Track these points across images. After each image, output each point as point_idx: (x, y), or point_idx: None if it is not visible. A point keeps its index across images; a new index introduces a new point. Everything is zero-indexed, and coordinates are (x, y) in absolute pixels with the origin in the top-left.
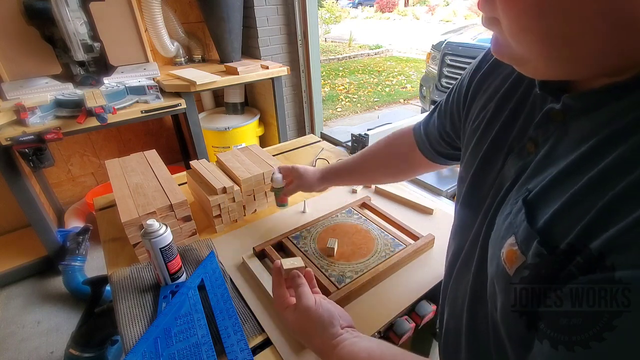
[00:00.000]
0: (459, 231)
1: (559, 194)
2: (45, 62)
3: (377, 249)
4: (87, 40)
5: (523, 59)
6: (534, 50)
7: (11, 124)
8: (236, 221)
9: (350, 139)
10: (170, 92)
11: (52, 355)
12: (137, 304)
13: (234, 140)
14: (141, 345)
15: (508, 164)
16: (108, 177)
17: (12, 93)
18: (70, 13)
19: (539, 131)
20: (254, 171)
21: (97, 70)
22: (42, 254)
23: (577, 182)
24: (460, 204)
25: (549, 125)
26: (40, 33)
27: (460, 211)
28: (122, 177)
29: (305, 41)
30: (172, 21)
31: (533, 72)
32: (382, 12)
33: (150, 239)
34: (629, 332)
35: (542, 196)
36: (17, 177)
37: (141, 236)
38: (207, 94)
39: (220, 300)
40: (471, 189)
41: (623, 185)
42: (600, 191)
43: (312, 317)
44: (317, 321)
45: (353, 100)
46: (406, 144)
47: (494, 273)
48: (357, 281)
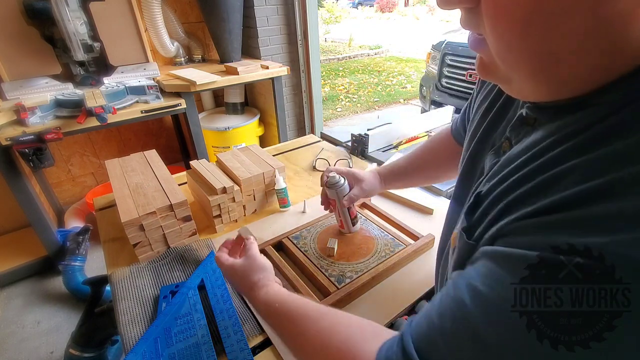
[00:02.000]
0: (446, 223)
1: (494, 192)
2: (45, 62)
3: (377, 249)
4: (87, 40)
5: (509, 78)
6: (521, 70)
7: (11, 124)
8: (236, 221)
9: (350, 139)
10: (170, 92)
11: (52, 355)
12: (137, 304)
13: (234, 140)
14: (141, 345)
15: (486, 160)
16: (108, 177)
17: (12, 93)
18: (70, 13)
19: (513, 133)
20: (254, 171)
21: (97, 70)
22: (42, 254)
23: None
24: (452, 198)
25: (522, 128)
26: (40, 33)
27: (450, 205)
28: (122, 177)
29: (305, 41)
30: (172, 21)
31: (517, 93)
32: (382, 12)
33: (336, 189)
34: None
35: (488, 193)
36: (17, 177)
37: (326, 187)
38: (207, 94)
39: (220, 300)
40: (460, 183)
41: (532, 184)
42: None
43: (258, 261)
44: (260, 265)
45: (353, 100)
46: (450, 142)
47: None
48: (357, 281)
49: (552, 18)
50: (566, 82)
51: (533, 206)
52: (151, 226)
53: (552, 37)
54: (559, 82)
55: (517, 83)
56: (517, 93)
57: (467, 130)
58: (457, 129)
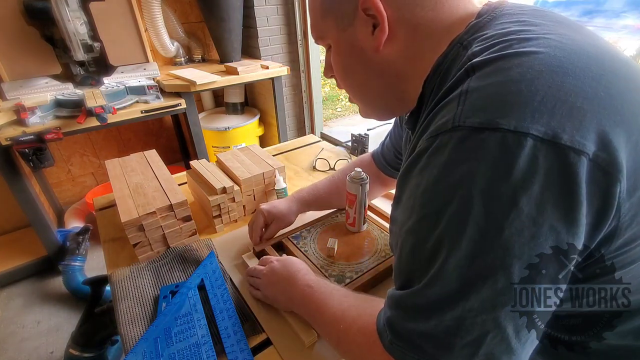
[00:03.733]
0: None
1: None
2: (45, 62)
3: (377, 249)
4: (87, 40)
5: (367, 111)
6: (362, 103)
7: (11, 124)
8: (236, 221)
9: (350, 139)
10: (170, 92)
11: (52, 355)
12: (137, 304)
13: (234, 140)
14: (141, 345)
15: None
16: (108, 177)
17: (12, 93)
18: (70, 13)
19: (407, 146)
20: (254, 171)
21: (97, 70)
22: (42, 254)
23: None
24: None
25: (408, 141)
26: (40, 33)
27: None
28: (122, 177)
29: (305, 41)
30: (172, 21)
31: (377, 117)
32: None
33: (360, 184)
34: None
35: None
36: (17, 177)
37: (350, 182)
38: (207, 94)
39: (220, 300)
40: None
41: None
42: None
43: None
44: (299, 264)
45: None
46: (372, 169)
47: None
48: (357, 281)
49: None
50: (390, 106)
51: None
52: (151, 226)
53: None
54: (386, 107)
55: (360, 107)
56: (362, 114)
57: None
58: (383, 159)
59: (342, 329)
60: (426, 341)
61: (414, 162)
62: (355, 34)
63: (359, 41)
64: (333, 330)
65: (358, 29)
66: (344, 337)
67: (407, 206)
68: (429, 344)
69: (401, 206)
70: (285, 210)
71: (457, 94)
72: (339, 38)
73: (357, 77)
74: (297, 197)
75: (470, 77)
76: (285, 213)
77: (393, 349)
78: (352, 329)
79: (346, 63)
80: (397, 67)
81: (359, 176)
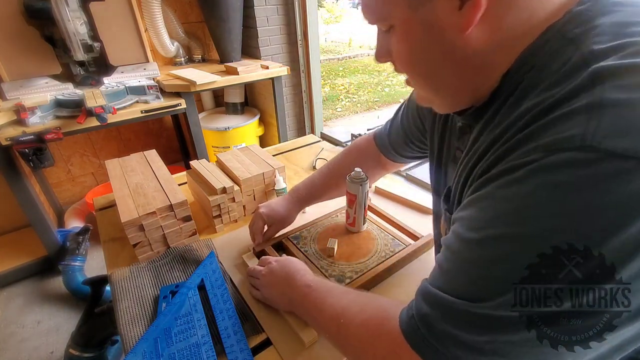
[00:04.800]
0: (434, 217)
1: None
2: (45, 62)
3: (377, 249)
4: (87, 40)
5: (430, 100)
6: (427, 92)
7: (11, 124)
8: (236, 221)
9: (350, 139)
10: (170, 92)
11: (52, 355)
12: (137, 304)
13: (234, 140)
14: (141, 345)
15: (449, 167)
16: (108, 177)
17: (12, 93)
18: (70, 13)
19: (459, 142)
20: (254, 171)
21: (97, 70)
22: (42, 254)
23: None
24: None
25: (464, 137)
26: (40, 33)
27: (433, 201)
28: (122, 177)
29: (305, 41)
30: (172, 21)
31: (438, 108)
32: None
33: (360, 184)
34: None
35: (455, 185)
36: (17, 177)
37: (350, 182)
38: (207, 94)
39: (220, 300)
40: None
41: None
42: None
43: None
44: (298, 264)
45: (353, 100)
46: (371, 151)
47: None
48: (357, 281)
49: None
50: (459, 99)
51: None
52: (151, 226)
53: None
54: (448, 96)
55: (435, 101)
56: (438, 108)
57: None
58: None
59: (343, 323)
60: (465, 351)
61: (510, 170)
62: (435, 11)
63: (439, 20)
64: (333, 325)
65: (439, 4)
66: (344, 331)
67: (489, 213)
68: (468, 355)
69: (477, 208)
70: (285, 213)
71: (583, 105)
72: (410, 18)
73: (427, 65)
74: (295, 196)
75: (596, 86)
76: (284, 216)
77: (424, 345)
78: (354, 323)
79: (416, 48)
80: (481, 56)
81: (359, 176)
